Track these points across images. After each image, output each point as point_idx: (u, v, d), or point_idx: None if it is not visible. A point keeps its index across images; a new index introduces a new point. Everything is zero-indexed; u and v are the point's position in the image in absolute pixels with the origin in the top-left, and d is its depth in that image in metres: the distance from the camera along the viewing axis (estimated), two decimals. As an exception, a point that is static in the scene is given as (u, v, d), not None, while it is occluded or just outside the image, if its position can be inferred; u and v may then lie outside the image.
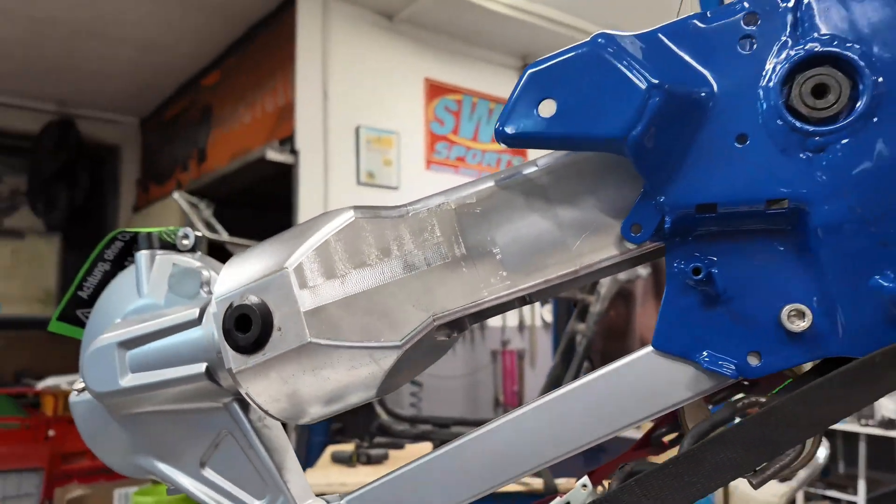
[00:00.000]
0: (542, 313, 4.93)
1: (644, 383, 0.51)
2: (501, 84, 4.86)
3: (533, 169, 0.54)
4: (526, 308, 4.89)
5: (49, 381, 4.99)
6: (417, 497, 0.56)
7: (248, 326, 0.56)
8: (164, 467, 0.69)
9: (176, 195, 1.18)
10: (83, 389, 0.73)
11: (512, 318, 4.85)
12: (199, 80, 5.34)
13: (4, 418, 4.65)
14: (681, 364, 0.50)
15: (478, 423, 0.67)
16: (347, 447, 2.69)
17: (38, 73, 5.31)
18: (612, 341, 3.34)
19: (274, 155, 4.07)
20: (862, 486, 3.61)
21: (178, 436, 0.68)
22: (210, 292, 0.67)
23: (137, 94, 5.84)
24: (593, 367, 2.40)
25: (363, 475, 2.26)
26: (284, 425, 0.70)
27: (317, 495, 0.63)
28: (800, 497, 3.38)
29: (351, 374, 0.55)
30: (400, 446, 2.74)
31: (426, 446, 2.78)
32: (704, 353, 0.49)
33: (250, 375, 0.56)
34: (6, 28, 4.53)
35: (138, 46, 4.78)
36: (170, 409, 0.67)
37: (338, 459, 2.64)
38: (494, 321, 4.45)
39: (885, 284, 0.43)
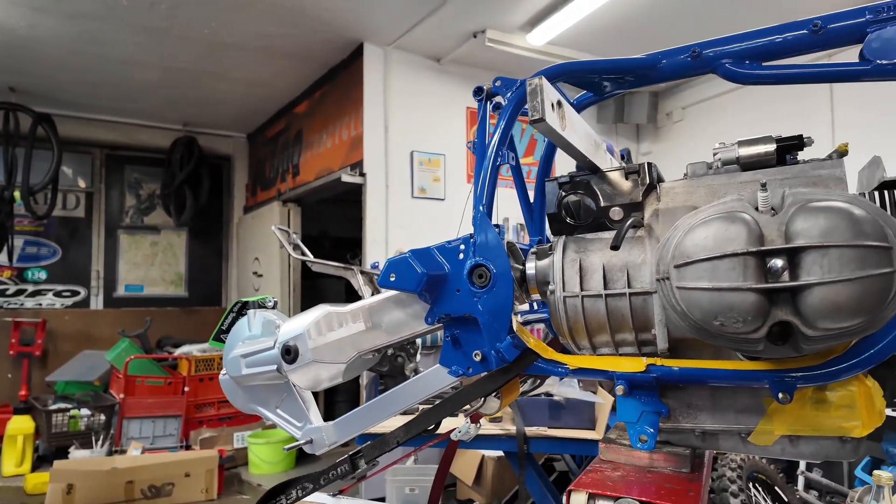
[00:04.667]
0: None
1: (432, 379, 1.30)
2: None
3: (391, 295, 1.34)
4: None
5: (184, 349, 6.00)
6: (370, 415, 1.38)
7: (290, 353, 1.40)
8: (261, 409, 1.56)
9: (273, 228, 1.74)
10: (226, 374, 1.62)
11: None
12: (292, 108, 6.16)
13: (153, 377, 5.67)
14: (444, 370, 1.29)
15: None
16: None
17: (170, 104, 6.35)
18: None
19: (347, 178, 4.89)
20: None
21: (267, 395, 1.55)
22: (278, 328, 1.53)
23: (245, 116, 6.75)
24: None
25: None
26: (315, 392, 1.55)
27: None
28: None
29: (329, 373, 1.39)
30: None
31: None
32: (453, 367, 1.28)
33: (292, 373, 1.41)
34: (146, 74, 5.57)
35: (246, 83, 5.67)
36: (263, 383, 1.54)
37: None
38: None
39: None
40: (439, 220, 4.95)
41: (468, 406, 1.27)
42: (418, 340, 2.19)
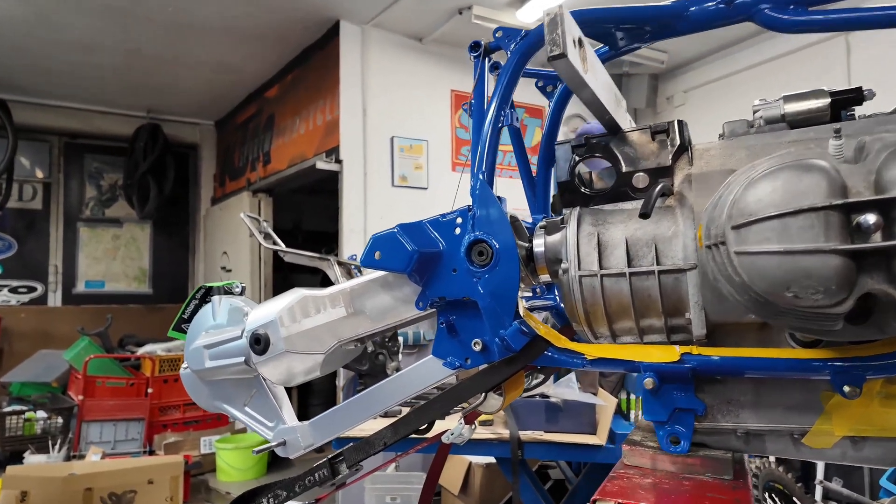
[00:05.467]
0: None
1: (423, 372, 1.14)
2: (519, 91, 5.33)
3: (376, 276, 1.17)
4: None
5: (147, 348, 5.77)
6: (351, 414, 1.21)
7: (260, 342, 1.22)
8: (227, 406, 1.37)
9: (242, 215, 1.59)
10: (187, 367, 1.43)
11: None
12: (263, 93, 5.93)
13: (114, 377, 5.45)
14: (438, 362, 1.12)
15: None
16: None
17: (132, 89, 6.10)
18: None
19: (323, 164, 4.67)
20: None
21: (234, 391, 1.36)
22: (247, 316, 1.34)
23: (212, 102, 6.51)
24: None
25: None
26: (289, 390, 1.37)
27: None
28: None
29: (304, 365, 1.21)
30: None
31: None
32: (448, 358, 1.11)
33: (262, 365, 1.23)
34: (106, 58, 5.31)
35: (213, 67, 5.45)
36: (230, 377, 1.35)
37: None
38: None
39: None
40: (422, 211, 4.73)
41: (465, 404, 1.11)
42: (401, 337, 2.03)
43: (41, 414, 5.25)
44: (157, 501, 4.31)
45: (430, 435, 1.23)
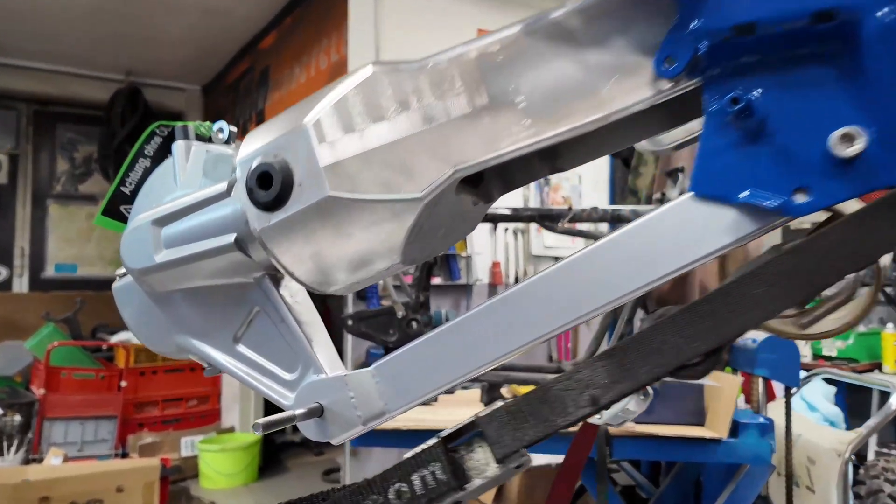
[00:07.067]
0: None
1: (685, 230, 0.47)
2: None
3: (559, 13, 0.51)
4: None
5: (122, 335, 5.16)
6: (459, 354, 0.55)
7: (270, 183, 0.55)
8: (199, 344, 0.70)
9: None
10: (124, 274, 0.75)
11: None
12: (256, 44, 5.28)
13: (82, 369, 4.86)
14: (722, 207, 0.46)
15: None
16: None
17: (105, 44, 5.40)
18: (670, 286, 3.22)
19: None
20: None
21: (212, 313, 0.69)
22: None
23: (199, 62, 5.84)
24: (648, 314, 2.32)
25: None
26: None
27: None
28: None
29: (372, 232, 0.54)
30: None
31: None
32: (746, 193, 0.45)
33: (274, 233, 0.56)
34: (74, 4, 4.66)
35: (198, 12, 4.83)
36: (204, 285, 0.68)
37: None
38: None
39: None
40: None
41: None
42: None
43: (-4, 411, 4.61)
44: (126, 513, 3.79)
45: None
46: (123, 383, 4.82)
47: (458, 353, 0.55)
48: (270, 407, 0.64)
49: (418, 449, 0.49)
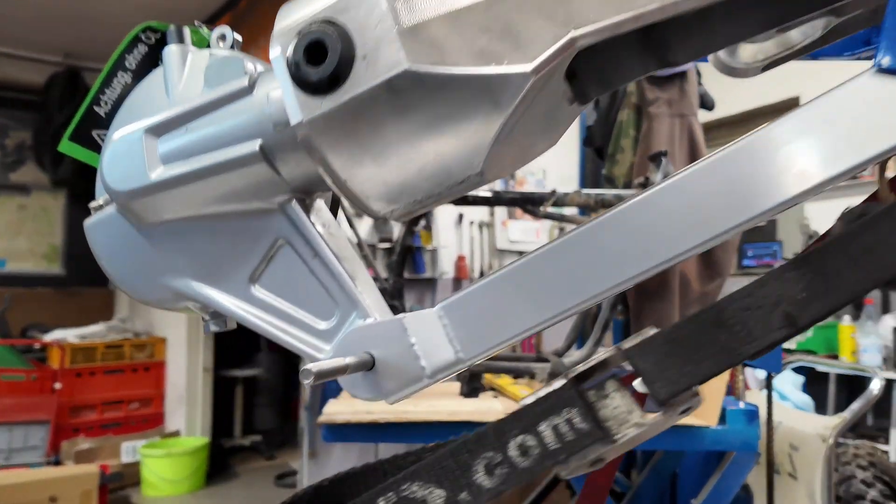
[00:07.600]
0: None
1: (870, 113, 0.37)
2: None
3: None
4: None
5: (56, 334, 4.84)
6: (551, 287, 0.43)
7: (324, 57, 0.42)
8: (203, 288, 0.56)
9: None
10: (100, 206, 0.60)
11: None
12: (215, 21, 5.06)
13: (10, 370, 4.51)
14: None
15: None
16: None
17: (42, 22, 5.06)
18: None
19: None
20: (894, 436, 3.48)
21: (222, 248, 0.55)
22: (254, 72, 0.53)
23: None
24: (626, 307, 2.24)
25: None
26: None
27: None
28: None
29: (460, 122, 0.42)
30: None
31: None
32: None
33: (325, 125, 0.43)
34: None
35: None
36: (212, 212, 0.54)
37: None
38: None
39: None
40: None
41: None
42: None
43: (-89, 417, 4.23)
44: (61, 524, 3.51)
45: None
46: (58, 385, 4.50)
47: (550, 286, 0.44)
48: (221, 410, 0.51)
49: (541, 393, 0.37)
